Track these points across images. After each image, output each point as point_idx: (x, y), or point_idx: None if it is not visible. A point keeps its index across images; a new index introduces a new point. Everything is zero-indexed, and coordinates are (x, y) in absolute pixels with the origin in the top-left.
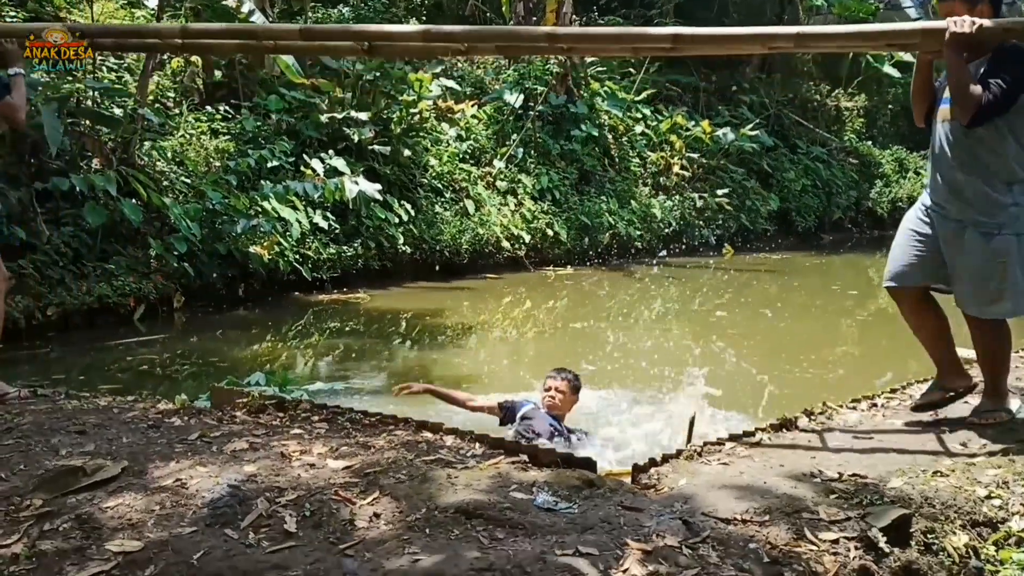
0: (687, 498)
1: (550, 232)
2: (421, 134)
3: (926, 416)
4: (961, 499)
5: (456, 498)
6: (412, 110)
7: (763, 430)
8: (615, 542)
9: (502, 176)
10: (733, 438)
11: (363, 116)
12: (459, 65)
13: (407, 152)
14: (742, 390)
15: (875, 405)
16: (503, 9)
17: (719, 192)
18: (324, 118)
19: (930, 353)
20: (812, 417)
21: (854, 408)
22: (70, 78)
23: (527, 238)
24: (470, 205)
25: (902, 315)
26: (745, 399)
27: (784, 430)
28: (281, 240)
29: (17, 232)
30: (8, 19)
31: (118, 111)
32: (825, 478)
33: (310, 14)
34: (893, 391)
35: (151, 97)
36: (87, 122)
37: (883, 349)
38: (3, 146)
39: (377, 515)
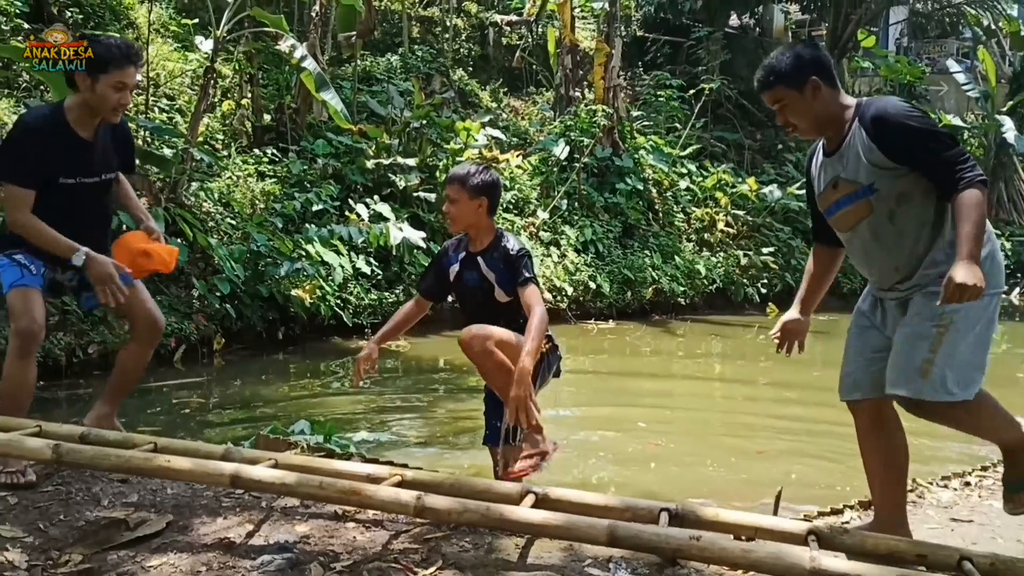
0: None
1: (592, 285)
2: None
3: None
4: None
5: (528, 574)
6: (458, 158)
7: (851, 507)
8: None
9: (546, 227)
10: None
11: (410, 162)
12: (504, 116)
13: None
14: (808, 452)
15: (968, 484)
16: (550, 62)
17: (764, 250)
18: (370, 164)
19: (870, 485)
20: None
21: (945, 486)
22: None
23: (569, 290)
24: None
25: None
26: (812, 464)
27: (872, 509)
28: (323, 284)
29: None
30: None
31: (168, 151)
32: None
33: (359, 62)
34: (984, 469)
35: (200, 138)
36: (137, 160)
37: None
38: None
39: None
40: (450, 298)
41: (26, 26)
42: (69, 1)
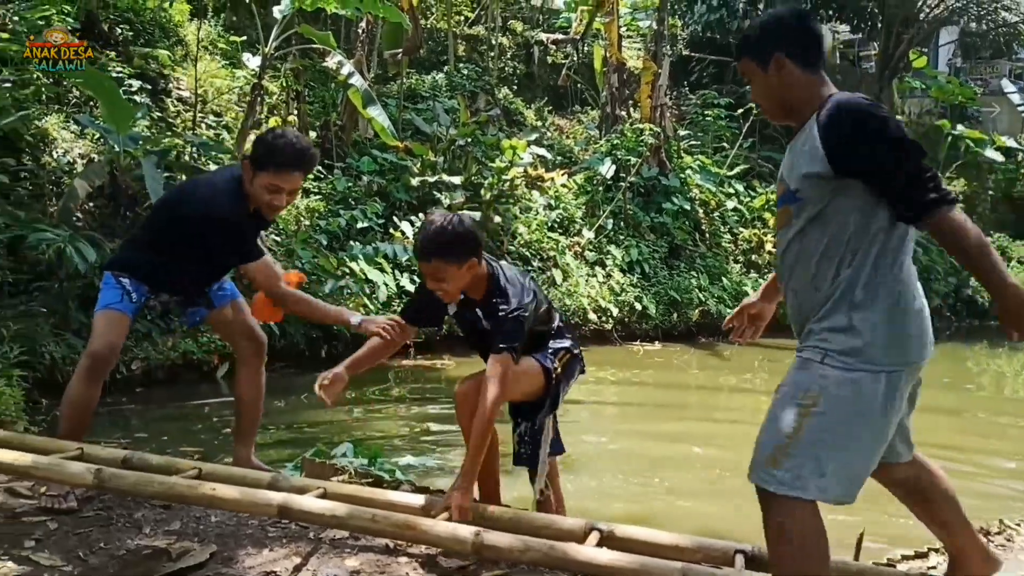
0: None
1: (638, 306)
2: (511, 201)
3: None
4: None
5: None
6: (504, 177)
7: (936, 550)
8: None
9: (591, 247)
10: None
11: (455, 180)
12: (548, 134)
13: (497, 219)
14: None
15: None
16: (596, 81)
17: None
18: (415, 181)
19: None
20: (989, 537)
21: None
22: (170, 132)
23: (615, 311)
24: (558, 275)
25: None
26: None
27: None
28: (367, 302)
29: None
30: (115, 74)
31: (214, 167)
32: None
33: (404, 79)
34: None
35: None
36: (183, 176)
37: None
38: (102, 197)
39: None
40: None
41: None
42: (119, 18)
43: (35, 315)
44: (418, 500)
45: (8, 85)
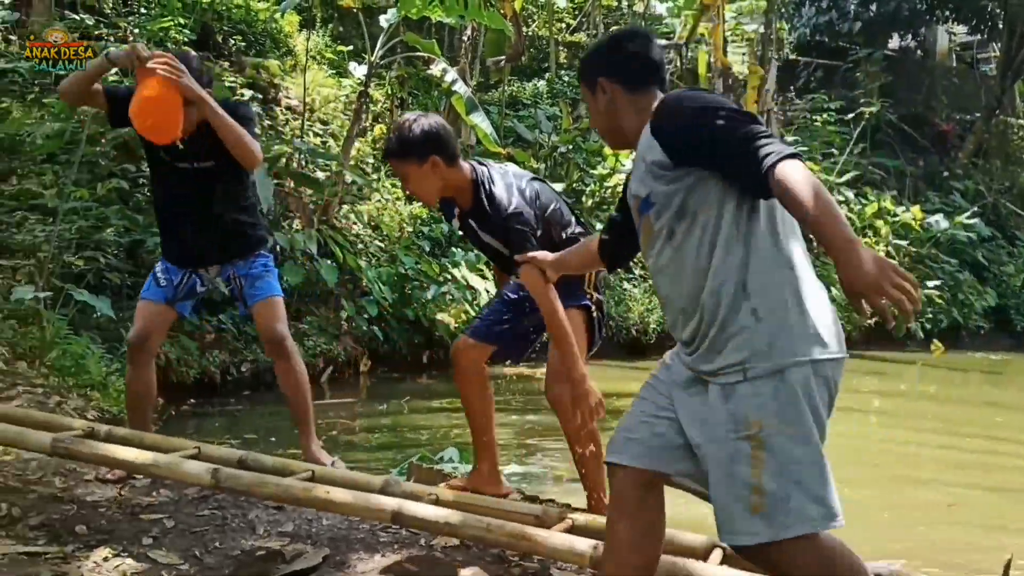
0: None
1: None
2: (613, 208)
3: None
4: None
5: None
6: (605, 183)
7: None
8: None
9: None
10: None
11: (558, 187)
12: None
13: (598, 226)
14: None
15: None
16: (700, 86)
17: (929, 284)
18: None
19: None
20: None
21: None
22: (279, 140)
23: None
24: None
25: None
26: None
27: None
28: (469, 308)
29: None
30: (228, 83)
31: (321, 174)
32: None
33: (506, 87)
34: None
35: (352, 162)
36: (291, 183)
37: None
38: None
39: None
40: None
41: (193, 54)
42: (233, 30)
43: None
44: (531, 509)
45: None
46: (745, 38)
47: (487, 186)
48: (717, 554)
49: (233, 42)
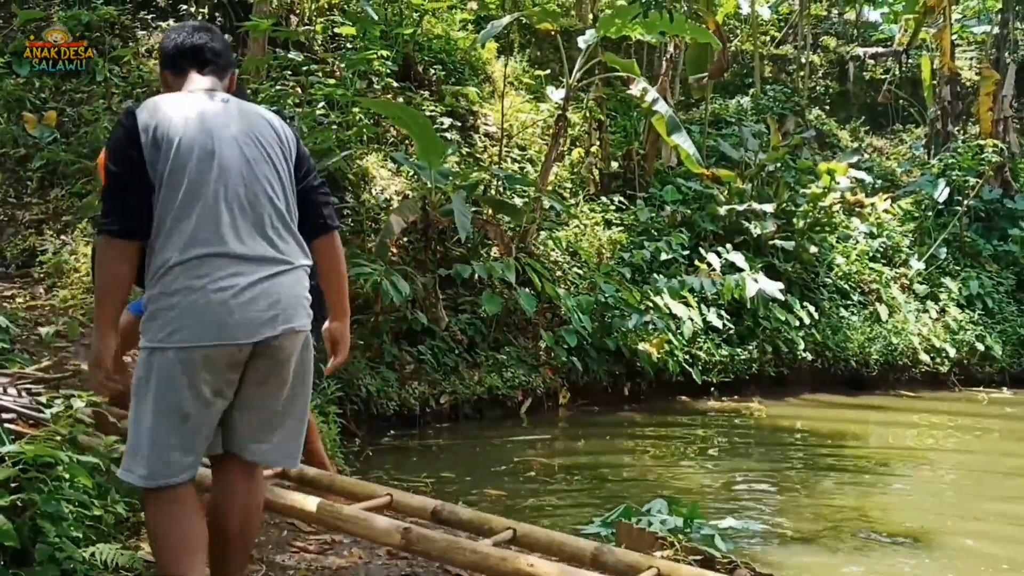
0: None
1: (980, 346)
2: (827, 229)
3: None
4: None
5: None
6: (819, 203)
7: None
8: None
9: (921, 279)
10: None
11: (766, 208)
12: (866, 156)
13: (812, 248)
14: None
15: None
16: (923, 95)
17: None
18: (722, 210)
19: None
20: None
21: None
22: (477, 167)
23: (952, 352)
24: (882, 310)
25: None
26: None
27: None
28: (672, 338)
29: (420, 317)
30: (428, 112)
31: (518, 200)
32: None
33: (709, 105)
34: None
35: (549, 187)
36: (489, 210)
37: None
38: (414, 231)
39: None
40: None
41: (395, 84)
42: (433, 59)
43: (352, 348)
44: None
45: (335, 127)
46: (973, 41)
47: None
48: None
49: (433, 71)
